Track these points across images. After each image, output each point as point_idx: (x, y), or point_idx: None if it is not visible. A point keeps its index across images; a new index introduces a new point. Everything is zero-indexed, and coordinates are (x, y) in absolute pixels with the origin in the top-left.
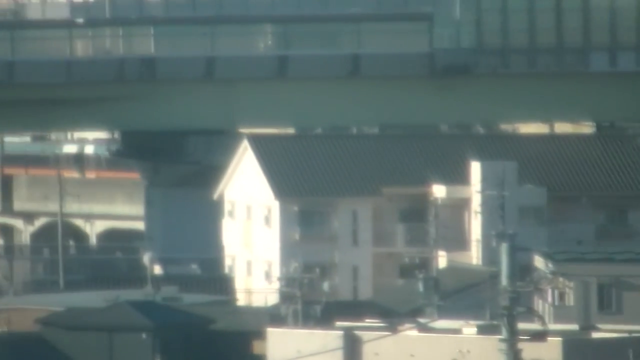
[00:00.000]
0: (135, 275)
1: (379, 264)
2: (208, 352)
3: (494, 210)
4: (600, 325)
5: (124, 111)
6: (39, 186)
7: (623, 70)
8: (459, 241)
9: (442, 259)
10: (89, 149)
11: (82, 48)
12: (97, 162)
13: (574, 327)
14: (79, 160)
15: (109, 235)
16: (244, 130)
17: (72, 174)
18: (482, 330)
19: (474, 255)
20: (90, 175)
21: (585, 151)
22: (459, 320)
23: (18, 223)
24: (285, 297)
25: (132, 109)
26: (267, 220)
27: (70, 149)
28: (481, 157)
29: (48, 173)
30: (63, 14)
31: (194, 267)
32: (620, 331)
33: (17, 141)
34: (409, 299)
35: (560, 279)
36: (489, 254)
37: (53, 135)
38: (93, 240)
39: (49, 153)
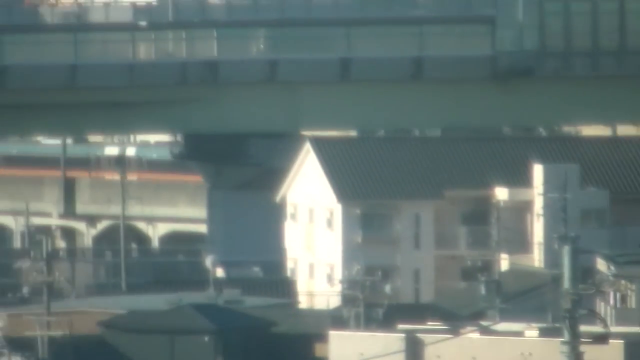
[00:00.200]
0: (197, 278)
1: (441, 266)
2: (270, 355)
3: (556, 212)
4: None
5: (186, 114)
6: (101, 188)
7: None
8: (521, 244)
9: (504, 262)
10: (131, 152)
11: (144, 51)
12: (138, 164)
13: (636, 329)
14: (120, 163)
15: (171, 238)
16: (307, 133)
17: (114, 176)
18: (544, 333)
19: (536, 258)
20: (132, 177)
21: None
22: (520, 323)
23: (80, 226)
24: (347, 299)
25: (194, 111)
26: (330, 223)
27: (111, 151)
28: (543, 159)
29: (111, 176)
30: (126, 17)
31: (256, 270)
32: None
33: (54, 143)
34: (471, 301)
35: (622, 282)
36: (551, 257)
37: (98, 138)
38: (155, 243)
39: (92, 155)
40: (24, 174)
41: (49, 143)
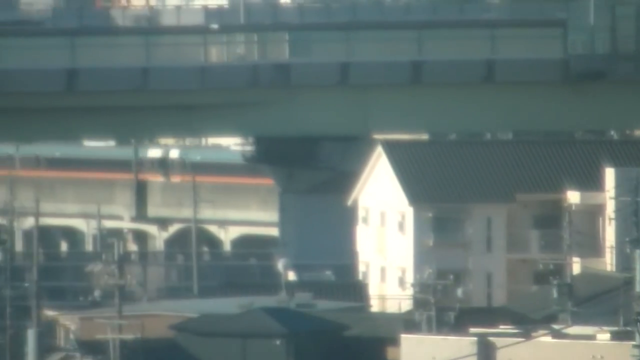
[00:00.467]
0: (269, 282)
1: (513, 270)
2: (341, 359)
3: (628, 216)
4: None
5: (258, 117)
6: (173, 192)
7: None
8: (592, 247)
9: (576, 265)
10: (174, 154)
11: (216, 54)
12: (182, 166)
13: None
14: (163, 165)
15: (243, 242)
16: (378, 137)
17: (157, 178)
18: (615, 336)
19: (608, 262)
20: (175, 179)
21: None
22: (592, 326)
23: (152, 229)
24: (419, 303)
25: (266, 115)
26: (401, 226)
27: (155, 153)
28: (615, 163)
29: (183, 179)
30: (197, 19)
31: (328, 274)
32: None
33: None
34: (543, 305)
35: None
36: (623, 260)
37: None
38: (227, 246)
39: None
40: (96, 176)
41: (92, 145)
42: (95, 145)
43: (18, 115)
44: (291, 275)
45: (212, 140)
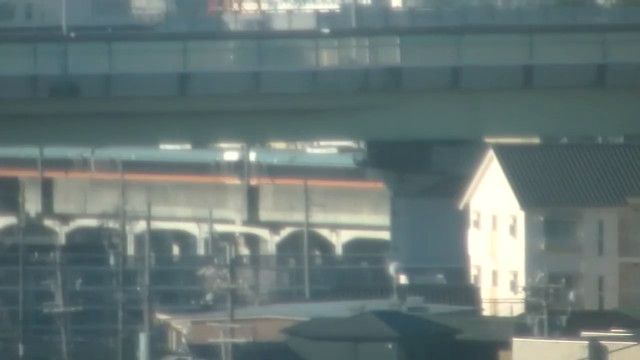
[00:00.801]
0: (381, 285)
1: (625, 273)
2: None
3: None
4: None
5: (369, 121)
6: (284, 195)
7: None
8: None
9: None
10: (252, 157)
11: (327, 58)
12: (258, 169)
13: None
14: (239, 167)
15: (354, 245)
16: (490, 140)
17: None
18: None
19: None
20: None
21: None
22: None
23: (264, 233)
24: (530, 307)
25: (377, 118)
26: (513, 230)
27: (231, 156)
28: None
29: (294, 183)
30: (309, 24)
31: (440, 277)
32: None
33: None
34: None
35: None
36: None
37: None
38: (339, 250)
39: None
40: (207, 181)
41: (168, 149)
42: (172, 149)
43: (130, 119)
44: (403, 279)
45: (323, 144)
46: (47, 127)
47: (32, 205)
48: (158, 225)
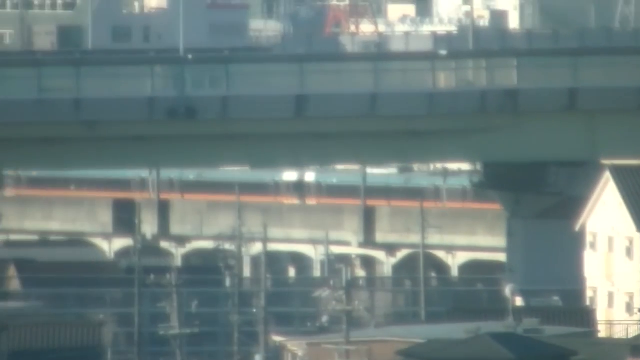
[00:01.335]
0: (497, 307)
1: None
2: None
3: None
4: None
5: (485, 143)
6: (400, 217)
7: None
8: None
9: None
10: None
11: (444, 80)
12: (317, 189)
13: None
14: (299, 188)
15: (470, 267)
16: (606, 162)
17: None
18: None
19: None
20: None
21: None
22: None
23: (380, 255)
24: None
25: (493, 140)
26: (629, 252)
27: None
28: None
29: (410, 205)
30: (426, 46)
31: (556, 299)
32: None
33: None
34: None
35: None
36: None
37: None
38: (455, 271)
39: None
40: (325, 202)
41: (227, 169)
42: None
43: (247, 141)
44: (518, 301)
45: (439, 166)
46: (164, 149)
47: (149, 227)
48: (274, 246)
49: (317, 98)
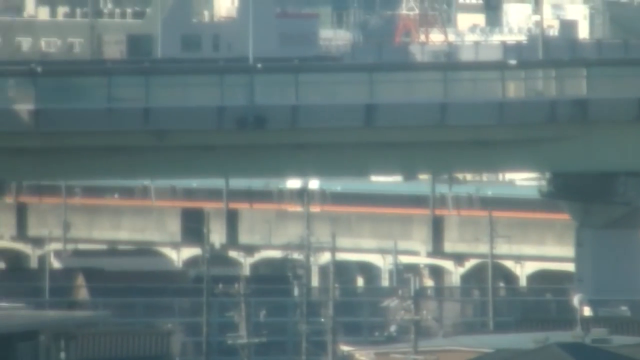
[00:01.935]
0: (565, 317)
1: None
2: None
3: None
4: None
5: (554, 152)
6: (469, 227)
7: None
8: None
9: None
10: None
11: (514, 89)
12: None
13: None
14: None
15: (539, 277)
16: None
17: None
18: None
19: None
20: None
21: None
22: None
23: (448, 264)
24: None
25: (563, 150)
26: None
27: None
28: None
29: (478, 214)
30: (496, 55)
31: (624, 309)
32: None
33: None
34: None
35: None
36: None
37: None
38: (523, 281)
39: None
40: (393, 212)
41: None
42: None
43: (316, 150)
44: (587, 311)
45: (508, 176)
46: (234, 158)
47: (217, 236)
48: (342, 256)
49: (387, 107)
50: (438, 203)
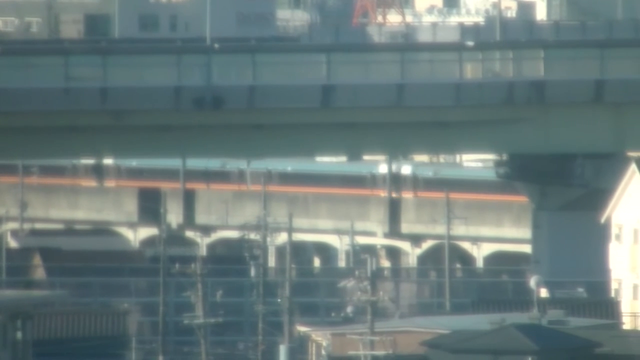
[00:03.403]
0: (522, 299)
1: None
2: None
3: None
4: None
5: (512, 134)
6: (426, 208)
7: None
8: None
9: None
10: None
11: (471, 71)
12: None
13: None
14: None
15: (495, 258)
16: (632, 154)
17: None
18: None
19: None
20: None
21: None
22: None
23: (405, 245)
24: None
25: (520, 131)
26: None
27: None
28: None
29: (435, 195)
30: (453, 36)
31: (581, 291)
32: None
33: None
34: None
35: None
36: None
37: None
38: (480, 263)
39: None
40: (350, 193)
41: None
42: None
43: (273, 131)
44: (543, 292)
45: (466, 157)
46: (191, 138)
47: (174, 216)
48: (299, 236)
49: (344, 88)
50: (395, 184)
